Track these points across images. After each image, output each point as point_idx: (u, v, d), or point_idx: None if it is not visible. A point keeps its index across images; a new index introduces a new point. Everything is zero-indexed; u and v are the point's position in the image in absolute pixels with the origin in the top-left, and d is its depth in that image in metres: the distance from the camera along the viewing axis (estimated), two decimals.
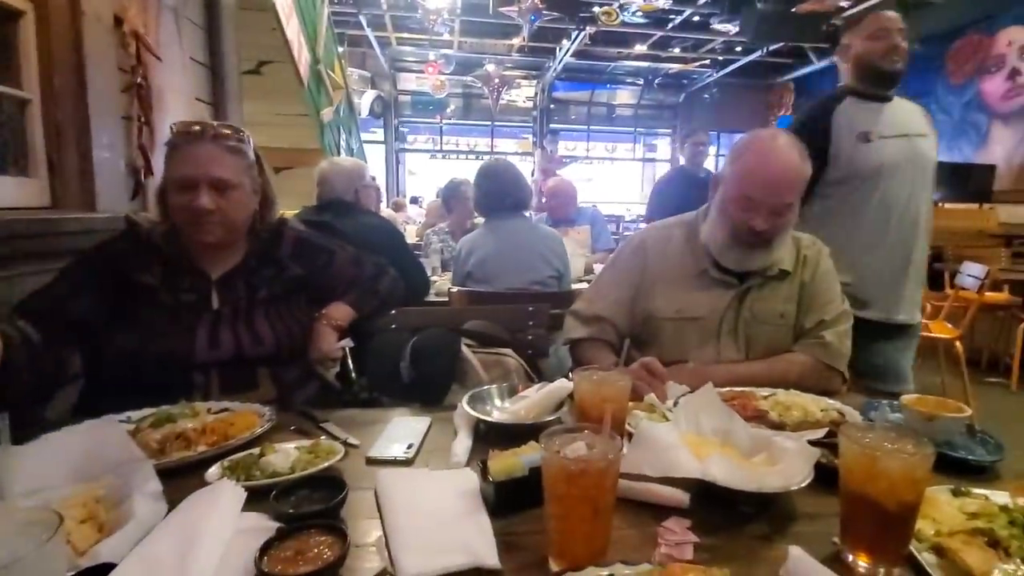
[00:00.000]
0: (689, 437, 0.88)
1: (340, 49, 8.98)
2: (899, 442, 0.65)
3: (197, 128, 1.22)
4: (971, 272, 3.34)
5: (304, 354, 1.31)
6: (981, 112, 7.96)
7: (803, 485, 0.74)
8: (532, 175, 9.49)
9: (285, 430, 1.01)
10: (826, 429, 0.93)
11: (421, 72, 9.38)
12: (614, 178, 12.59)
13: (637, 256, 1.41)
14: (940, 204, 7.51)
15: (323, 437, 0.96)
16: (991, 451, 0.93)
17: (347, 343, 1.38)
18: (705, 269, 1.33)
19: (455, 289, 1.99)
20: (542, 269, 2.10)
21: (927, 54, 8.48)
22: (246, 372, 1.21)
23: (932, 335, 3.35)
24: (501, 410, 1.05)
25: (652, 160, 12.73)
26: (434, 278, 2.67)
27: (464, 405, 1.01)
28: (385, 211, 4.85)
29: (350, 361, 1.44)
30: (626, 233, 7.64)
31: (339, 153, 5.03)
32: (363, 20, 7.68)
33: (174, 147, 1.20)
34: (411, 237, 4.21)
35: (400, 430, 1.00)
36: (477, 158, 11.38)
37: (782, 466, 0.77)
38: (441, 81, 9.04)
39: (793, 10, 7.41)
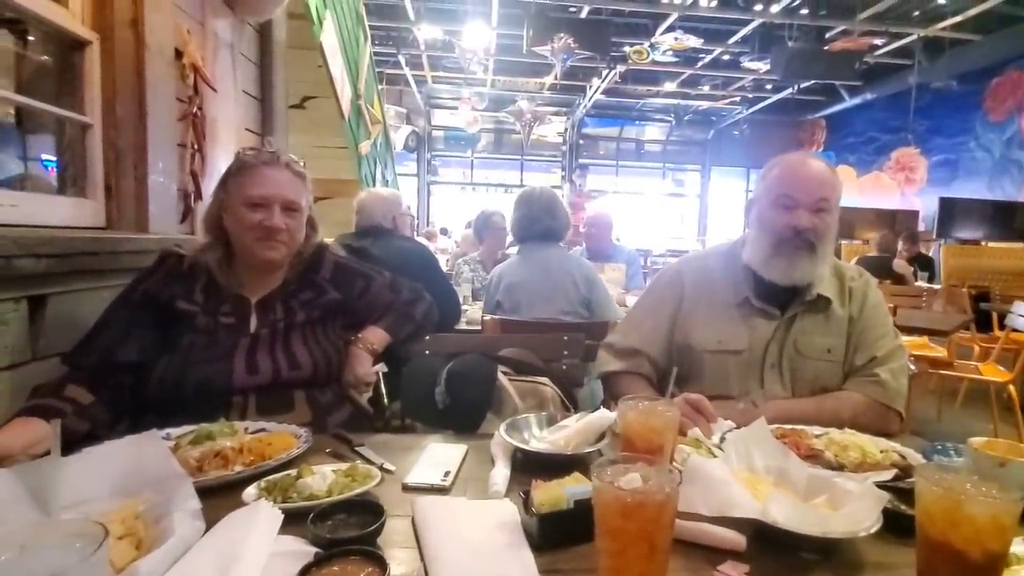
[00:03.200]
0: (741, 475, 0.83)
1: (380, 87, 9.36)
2: (982, 486, 0.60)
3: (272, 153, 1.29)
4: (1023, 313, 3.18)
5: (339, 378, 1.31)
6: (1023, 150, 7.75)
7: (872, 531, 0.68)
8: None
9: (320, 453, 1.00)
10: (892, 471, 0.86)
11: (455, 108, 9.67)
12: (644, 211, 12.57)
13: (673, 286, 1.38)
14: (984, 243, 7.30)
15: (359, 461, 0.94)
16: None
17: (381, 368, 1.37)
18: (746, 298, 1.29)
19: (488, 317, 1.98)
20: (571, 297, 2.07)
21: (965, 92, 8.38)
22: (283, 395, 1.21)
23: (983, 378, 3.19)
24: (539, 439, 1.01)
25: (680, 195, 12.72)
26: (465, 307, 2.68)
27: (502, 433, 0.98)
28: (418, 240, 4.92)
29: (383, 386, 1.43)
30: (655, 268, 7.58)
31: (375, 184, 5.17)
32: (402, 59, 7.99)
33: (249, 168, 1.24)
34: (442, 266, 4.23)
35: (436, 457, 0.98)
36: (507, 191, 11.55)
37: (847, 509, 0.72)
38: (474, 117, 9.30)
39: (825, 48, 7.42)
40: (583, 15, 7.26)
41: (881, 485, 0.78)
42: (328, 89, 3.71)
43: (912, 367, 1.78)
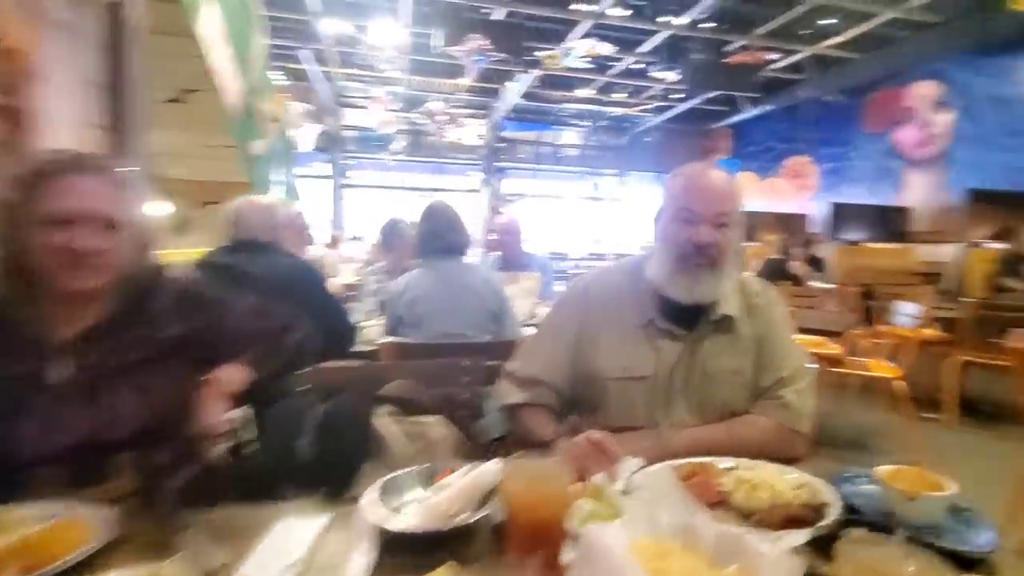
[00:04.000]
0: (643, 542, 0.71)
1: (285, 82, 8.77)
2: (911, 563, 0.51)
3: (76, 156, 1.03)
4: (906, 311, 3.42)
5: (181, 431, 1.08)
6: (897, 159, 8.58)
7: None
8: (479, 212, 9.46)
9: (133, 543, 0.78)
10: (806, 533, 0.77)
11: (367, 108, 9.23)
12: (564, 216, 12.75)
13: (578, 306, 1.27)
14: (867, 244, 7.98)
15: (181, 554, 0.73)
16: (981, 534, 0.82)
17: (239, 414, 1.15)
18: (651, 319, 1.20)
19: (384, 340, 1.79)
20: (479, 311, 1.95)
21: (847, 106, 9.15)
22: (101, 460, 0.97)
23: (872, 374, 3.38)
24: (419, 502, 0.85)
25: (599, 199, 13.01)
26: (371, 322, 2.45)
27: (366, 503, 0.80)
28: (322, 250, 4.58)
29: (245, 434, 1.20)
30: (576, 273, 7.64)
31: (270, 188, 4.76)
32: (307, 54, 7.51)
33: (48, 176, 0.98)
34: (349, 277, 3.96)
35: (286, 537, 0.79)
36: (422, 196, 11.26)
37: None
38: (387, 117, 8.92)
39: (725, 61, 7.82)
40: (496, 17, 7.17)
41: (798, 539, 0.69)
42: (211, 82, 3.34)
43: (814, 365, 1.79)
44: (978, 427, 3.71)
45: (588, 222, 12.80)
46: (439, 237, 2.03)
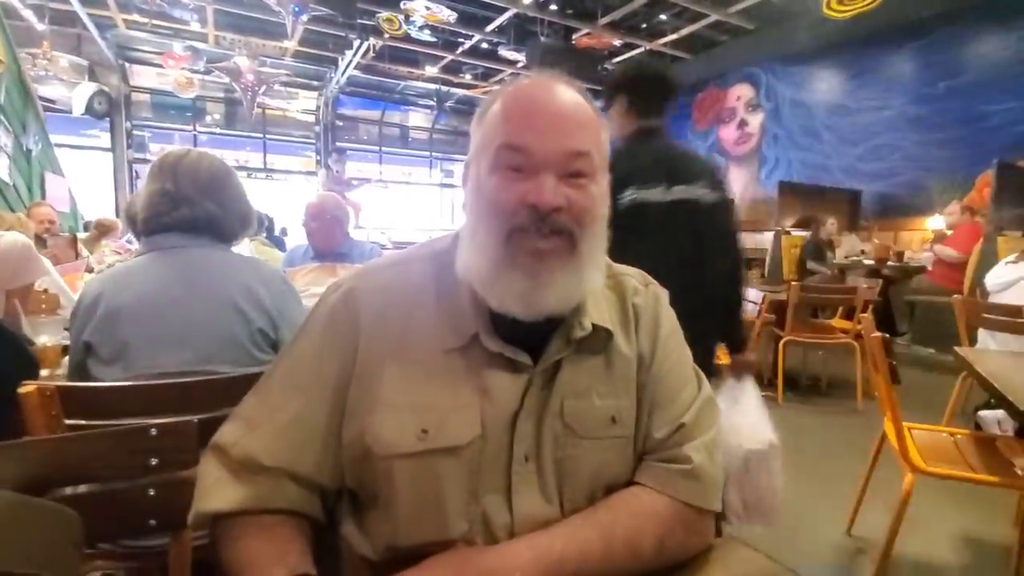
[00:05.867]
0: None
1: (41, 27, 6.85)
2: None
3: None
4: (749, 298, 3.43)
5: None
6: (721, 155, 9.35)
7: None
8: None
9: None
10: None
11: (161, 66, 7.51)
12: (412, 203, 12.06)
13: (341, 328, 0.70)
14: None
15: None
16: None
17: None
18: (473, 337, 0.68)
19: (56, 385, 1.02)
20: (236, 331, 1.19)
21: (680, 104, 9.75)
22: None
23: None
24: None
25: (450, 186, 12.54)
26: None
27: None
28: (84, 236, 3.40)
29: None
30: None
31: None
32: None
33: None
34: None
35: None
36: (249, 176, 9.76)
37: None
38: (187, 78, 7.33)
39: (573, 43, 7.79)
40: None
41: None
42: None
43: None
44: (798, 401, 3.93)
45: (440, 209, 12.27)
46: (182, 204, 1.22)
